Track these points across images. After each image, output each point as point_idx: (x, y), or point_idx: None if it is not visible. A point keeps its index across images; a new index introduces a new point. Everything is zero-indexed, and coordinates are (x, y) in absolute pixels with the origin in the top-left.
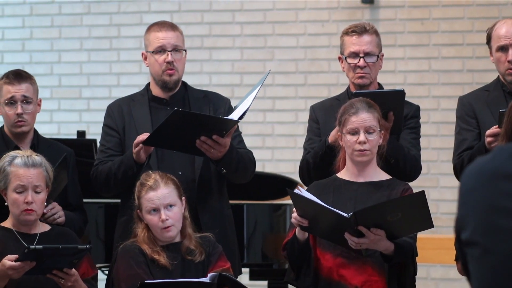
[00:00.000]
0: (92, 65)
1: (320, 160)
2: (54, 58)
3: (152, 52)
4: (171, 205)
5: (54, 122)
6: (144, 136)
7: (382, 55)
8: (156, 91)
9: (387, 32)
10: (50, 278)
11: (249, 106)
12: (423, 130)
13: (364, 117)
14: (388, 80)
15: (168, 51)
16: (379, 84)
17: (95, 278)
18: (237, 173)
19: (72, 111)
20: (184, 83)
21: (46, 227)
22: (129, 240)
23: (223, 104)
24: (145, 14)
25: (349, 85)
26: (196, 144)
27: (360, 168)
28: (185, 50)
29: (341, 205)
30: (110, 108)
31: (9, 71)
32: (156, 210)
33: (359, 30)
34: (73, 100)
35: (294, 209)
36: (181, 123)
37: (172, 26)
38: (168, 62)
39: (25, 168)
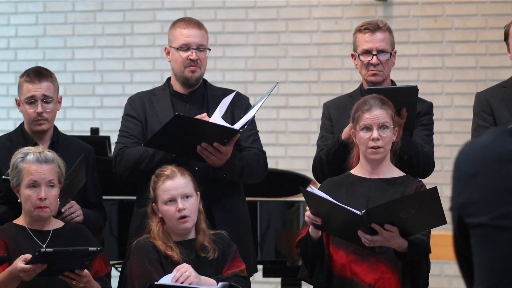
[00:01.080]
0: (106, 62)
1: (333, 157)
2: (67, 55)
3: (177, 49)
4: (187, 196)
5: (68, 119)
6: (205, 116)
7: (395, 52)
8: (176, 86)
9: (400, 29)
10: (62, 279)
11: (252, 117)
12: (437, 127)
13: (377, 114)
14: (401, 77)
15: (193, 49)
16: (392, 81)
17: (108, 275)
18: (242, 178)
19: (85, 108)
20: (205, 80)
21: (59, 224)
22: (142, 236)
23: (242, 103)
24: (158, 11)
25: (362, 82)
26: (197, 150)
27: (373, 165)
28: (209, 49)
29: (354, 202)
30: (132, 100)
31: (29, 69)
32: (173, 200)
33: (372, 27)
34: (86, 97)
35: (307, 207)
36: (181, 128)
37: (198, 24)
38: (191, 60)
39: (38, 164)
